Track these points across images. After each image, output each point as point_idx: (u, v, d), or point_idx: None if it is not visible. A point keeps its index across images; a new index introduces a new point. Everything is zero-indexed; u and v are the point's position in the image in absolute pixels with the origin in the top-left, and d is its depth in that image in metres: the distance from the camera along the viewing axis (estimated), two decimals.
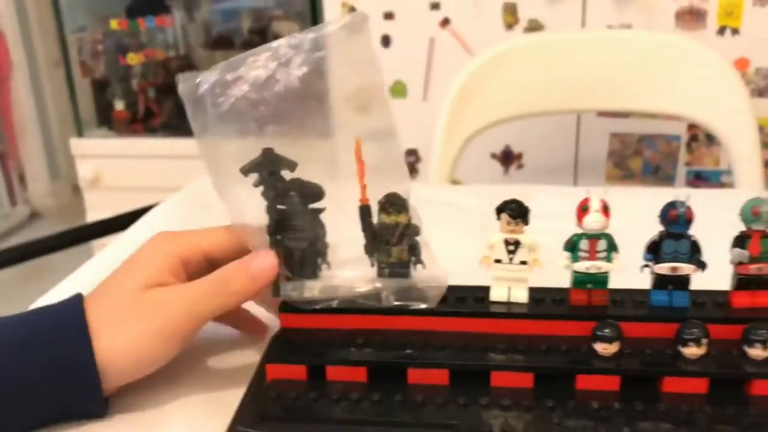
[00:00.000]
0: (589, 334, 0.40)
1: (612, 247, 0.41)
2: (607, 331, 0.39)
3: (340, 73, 0.46)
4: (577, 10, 1.43)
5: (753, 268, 0.40)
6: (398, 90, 1.56)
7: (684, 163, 1.51)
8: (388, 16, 1.51)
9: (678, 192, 0.42)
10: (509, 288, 0.42)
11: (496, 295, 0.43)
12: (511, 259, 0.42)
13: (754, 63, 1.41)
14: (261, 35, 1.96)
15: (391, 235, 0.42)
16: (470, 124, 1.22)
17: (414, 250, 0.43)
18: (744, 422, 0.37)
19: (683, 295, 0.41)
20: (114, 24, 1.64)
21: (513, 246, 0.42)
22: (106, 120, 1.82)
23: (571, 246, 0.41)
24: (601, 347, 0.39)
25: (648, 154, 1.52)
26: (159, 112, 1.79)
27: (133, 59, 1.66)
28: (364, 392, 0.40)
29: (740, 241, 0.40)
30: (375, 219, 0.43)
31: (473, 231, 0.47)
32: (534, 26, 1.46)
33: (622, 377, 0.39)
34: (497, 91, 1.23)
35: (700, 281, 0.41)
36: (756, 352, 0.39)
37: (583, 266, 0.41)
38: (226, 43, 1.90)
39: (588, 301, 0.42)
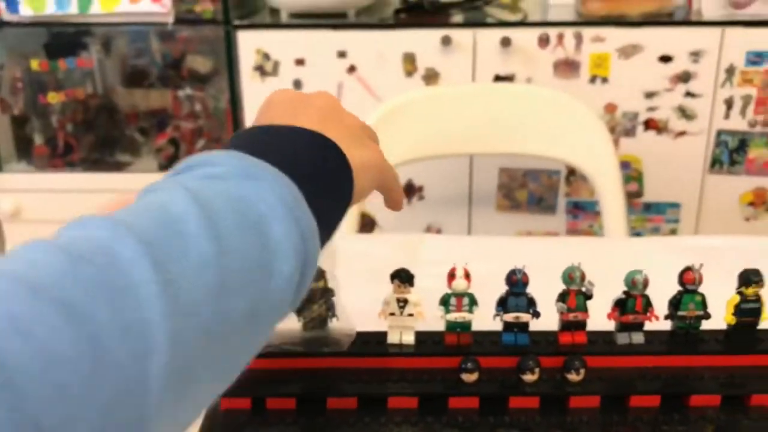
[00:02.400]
0: (457, 367, 0.55)
1: (473, 302, 0.57)
2: (469, 364, 0.55)
3: None
4: (468, 60, 1.61)
5: (571, 316, 0.57)
6: None
7: (564, 194, 1.72)
8: (299, 62, 1.65)
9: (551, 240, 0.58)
10: (401, 333, 0.57)
11: (392, 339, 0.57)
12: (401, 312, 0.57)
13: (621, 107, 1.63)
14: (175, 68, 2.05)
15: (312, 297, 0.56)
16: None
17: (331, 307, 0.57)
18: (565, 427, 0.53)
19: (524, 336, 0.57)
20: (35, 65, 1.70)
21: (402, 303, 0.57)
22: (26, 155, 1.87)
23: (444, 302, 0.57)
24: (465, 376, 0.55)
25: (532, 186, 1.72)
26: (78, 147, 1.86)
27: (54, 98, 1.73)
28: (293, 417, 0.53)
29: (562, 296, 0.57)
30: None
31: (383, 278, 0.60)
32: (431, 74, 1.63)
33: (481, 398, 0.55)
34: (398, 137, 1.38)
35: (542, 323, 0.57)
36: (572, 376, 0.55)
37: (452, 317, 0.57)
38: (141, 77, 1.98)
39: (457, 342, 0.57)
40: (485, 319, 0.57)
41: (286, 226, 0.37)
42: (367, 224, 1.74)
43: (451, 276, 0.56)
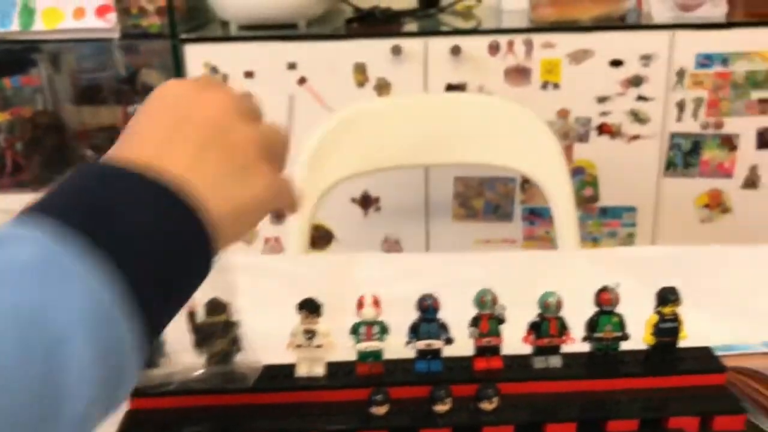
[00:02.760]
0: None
1: (383, 330, 0.55)
2: (378, 396, 0.52)
3: None
4: (419, 69, 1.60)
5: (485, 341, 0.55)
6: None
7: (519, 201, 1.71)
8: (249, 74, 1.63)
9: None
10: (310, 365, 0.55)
11: (300, 371, 0.55)
12: (309, 344, 0.55)
13: (573, 113, 1.63)
14: (130, 84, 2.02)
15: (214, 332, 0.54)
16: (323, 181, 1.35)
17: (235, 341, 0.55)
18: None
19: (438, 363, 0.55)
20: None
21: (310, 334, 0.54)
22: None
23: (354, 331, 0.55)
24: (374, 409, 0.53)
25: (488, 195, 1.71)
26: (27, 166, 1.82)
27: (0, 117, 1.69)
28: None
29: (475, 321, 0.55)
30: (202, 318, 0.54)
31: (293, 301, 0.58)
32: (382, 84, 1.61)
33: (391, 431, 0.52)
34: (350, 149, 1.36)
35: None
36: (485, 405, 0.53)
37: (363, 346, 0.55)
38: (93, 93, 1.95)
39: (369, 372, 0.55)
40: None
41: (87, 351, 0.29)
42: (323, 237, 1.72)
43: (360, 304, 0.54)
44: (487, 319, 0.55)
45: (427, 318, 0.54)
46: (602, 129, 1.62)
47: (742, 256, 0.86)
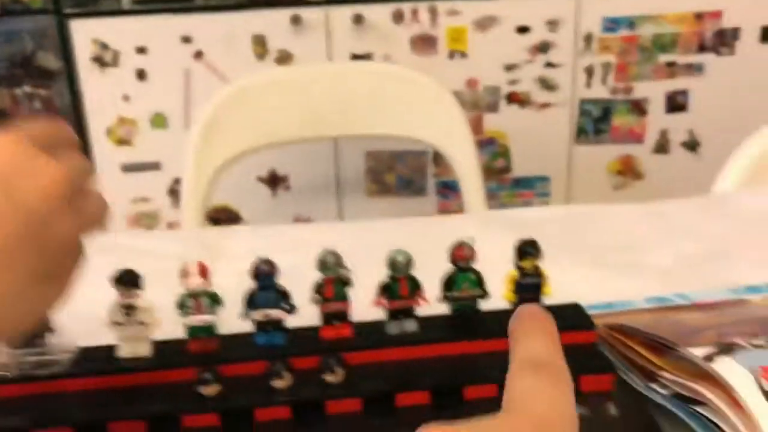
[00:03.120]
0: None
1: (214, 301, 0.48)
2: (207, 375, 0.46)
3: None
4: (321, 39, 1.53)
5: (330, 307, 0.49)
6: (158, 121, 1.58)
7: (433, 174, 1.66)
8: (141, 50, 1.53)
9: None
10: (133, 345, 0.49)
11: (122, 352, 0.49)
12: (129, 321, 0.48)
13: (482, 82, 1.59)
14: (24, 68, 1.90)
15: None
16: (219, 156, 1.28)
17: (44, 322, 0.48)
18: None
19: (281, 334, 0.50)
20: None
21: (128, 310, 0.48)
22: None
23: (180, 305, 0.48)
24: (203, 389, 0.46)
25: (400, 169, 1.66)
26: None
27: None
28: None
29: (318, 287, 0.49)
30: None
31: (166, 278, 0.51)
32: (283, 55, 1.54)
33: (223, 413, 0.46)
34: (244, 122, 1.29)
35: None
36: (329, 377, 0.47)
37: (192, 320, 0.48)
38: None
39: (202, 348, 0.49)
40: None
41: None
42: (230, 219, 1.64)
43: (185, 274, 0.48)
44: (332, 283, 0.49)
45: (264, 285, 0.48)
46: (511, 98, 1.59)
47: (633, 213, 0.83)
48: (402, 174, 1.66)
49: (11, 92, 1.74)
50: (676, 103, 1.61)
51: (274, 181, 1.64)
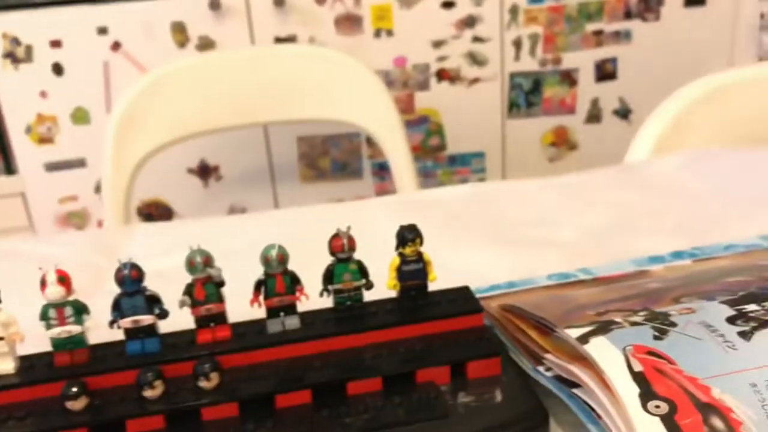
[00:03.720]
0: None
1: (79, 310, 0.46)
2: (73, 389, 0.44)
3: None
4: (243, 24, 1.49)
5: (203, 310, 0.47)
6: (80, 116, 1.53)
7: (367, 157, 1.64)
8: (56, 44, 1.48)
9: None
10: None
11: None
12: None
13: (410, 60, 1.57)
14: None
15: None
16: (140, 148, 1.24)
17: None
18: None
19: (154, 341, 0.47)
20: None
21: None
22: None
23: (43, 316, 0.46)
24: (70, 404, 0.44)
25: (334, 153, 1.63)
26: None
27: None
28: None
29: (188, 288, 0.47)
30: None
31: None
32: (205, 42, 1.50)
33: (92, 427, 0.44)
34: (164, 113, 1.25)
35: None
36: (203, 383, 0.45)
37: (55, 332, 0.46)
38: None
39: (71, 361, 0.47)
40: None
41: None
42: (163, 214, 1.61)
43: (43, 284, 0.45)
44: (202, 284, 0.47)
45: (128, 291, 0.46)
46: (441, 75, 1.57)
47: (542, 188, 0.82)
48: (336, 158, 1.64)
49: None
50: (605, 72, 1.61)
51: (205, 171, 1.60)
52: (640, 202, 0.77)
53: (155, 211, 1.56)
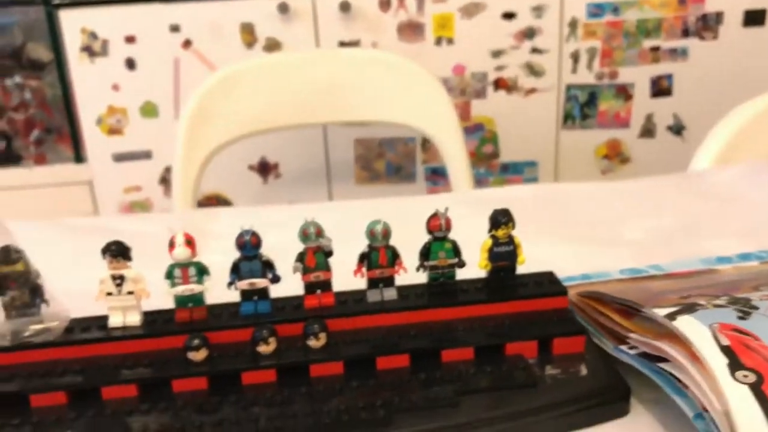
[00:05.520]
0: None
1: (201, 271, 0.50)
2: (195, 341, 0.48)
3: None
4: (310, 27, 1.55)
5: (313, 277, 0.51)
6: (149, 110, 1.60)
7: (422, 161, 1.68)
8: (130, 39, 1.55)
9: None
10: (123, 314, 0.51)
11: (114, 321, 0.51)
12: (119, 291, 0.50)
13: (469, 68, 1.60)
14: (15, 58, 1.91)
15: (10, 282, 0.49)
16: (209, 142, 1.29)
17: (35, 292, 0.50)
18: (305, 398, 0.47)
19: (265, 303, 0.52)
20: None
21: (119, 280, 0.50)
22: None
23: (168, 275, 0.50)
24: (192, 355, 0.48)
25: (389, 156, 1.67)
26: None
27: None
28: None
29: (300, 256, 0.51)
30: None
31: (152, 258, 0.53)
32: (272, 44, 1.55)
33: (211, 376, 0.48)
34: (233, 109, 1.31)
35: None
36: (312, 342, 0.49)
37: (179, 290, 0.50)
38: None
39: (190, 317, 0.51)
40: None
41: None
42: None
43: (171, 245, 0.50)
44: (313, 253, 0.51)
45: (248, 256, 0.50)
46: (498, 84, 1.61)
47: (610, 191, 0.85)
48: (391, 161, 1.68)
49: (2, 84, 1.75)
50: (661, 88, 1.63)
51: (264, 169, 1.66)
52: (704, 207, 0.79)
53: (216, 205, 1.62)
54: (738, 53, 1.60)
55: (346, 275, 0.52)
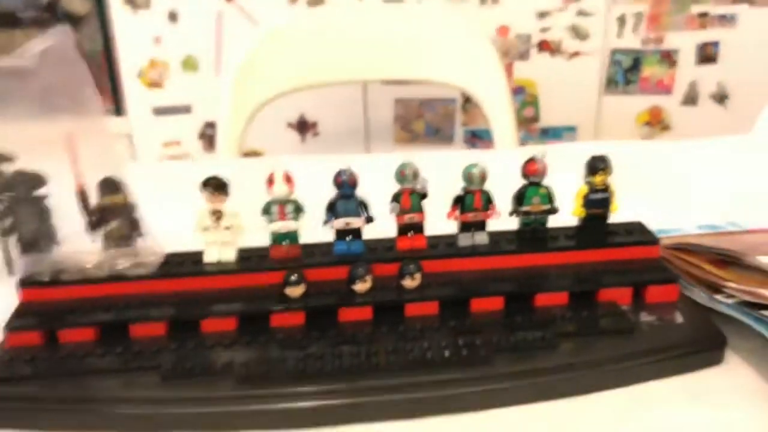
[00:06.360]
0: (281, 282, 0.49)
1: (298, 209, 0.50)
2: (293, 277, 0.49)
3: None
4: None
5: (407, 218, 0.51)
6: (190, 64, 1.59)
7: (461, 123, 1.67)
8: None
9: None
10: (219, 250, 0.51)
11: (209, 257, 0.51)
12: (216, 226, 0.50)
13: (513, 29, 1.58)
14: (51, 11, 1.90)
15: (111, 214, 0.49)
16: (255, 98, 1.29)
17: (134, 224, 0.50)
18: (402, 336, 0.47)
19: (359, 243, 0.52)
20: None
21: (217, 215, 0.50)
22: None
23: (265, 210, 0.50)
24: (289, 290, 0.49)
25: (429, 117, 1.66)
26: None
27: None
28: (90, 349, 0.46)
29: (396, 197, 0.51)
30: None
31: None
32: None
33: (308, 312, 0.49)
34: (279, 64, 1.30)
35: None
36: (407, 282, 0.49)
37: (276, 227, 0.50)
38: (10, 21, 1.82)
39: (286, 255, 0.51)
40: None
41: None
42: None
43: (270, 181, 0.50)
44: (409, 194, 0.51)
45: (345, 195, 0.50)
46: (542, 46, 1.59)
47: (677, 150, 0.84)
48: (430, 122, 1.67)
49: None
50: (706, 55, 1.61)
51: (303, 127, 1.65)
52: None
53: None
54: None
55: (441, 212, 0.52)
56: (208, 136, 1.61)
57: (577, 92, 1.63)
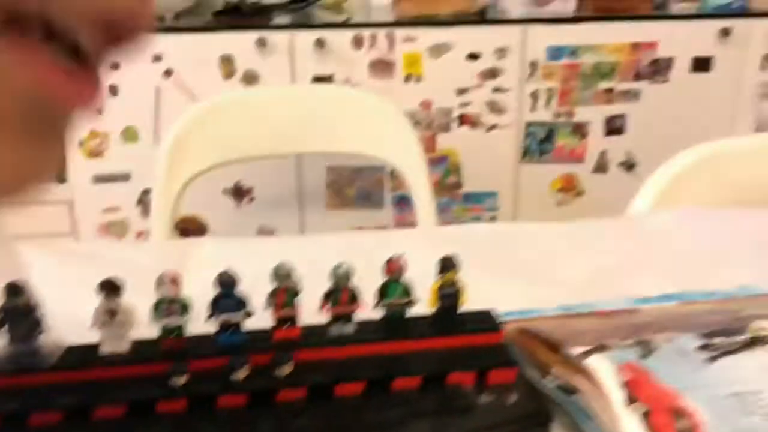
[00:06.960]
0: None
1: (184, 307, 0.58)
2: (177, 367, 0.56)
3: None
4: (286, 61, 1.63)
5: (282, 313, 0.59)
6: (130, 135, 1.66)
7: (390, 189, 1.77)
8: (113, 66, 1.61)
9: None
10: (114, 343, 0.58)
11: (105, 349, 0.58)
12: (112, 321, 0.57)
13: (435, 104, 1.70)
14: None
15: (15, 314, 0.56)
16: (189, 169, 1.36)
17: (37, 323, 0.56)
18: (272, 419, 0.54)
19: (240, 335, 0.59)
20: None
21: (112, 313, 0.57)
22: None
23: (155, 308, 0.57)
24: (174, 380, 0.56)
25: (360, 183, 1.76)
26: None
27: None
28: None
29: (272, 294, 0.59)
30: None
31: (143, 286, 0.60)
32: (250, 75, 1.63)
33: (190, 398, 0.56)
34: (212, 139, 1.38)
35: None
36: (280, 371, 0.57)
37: (165, 322, 0.58)
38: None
39: (173, 346, 0.58)
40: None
41: None
42: (197, 230, 1.73)
43: (160, 283, 0.57)
44: (284, 292, 0.59)
45: (226, 294, 0.58)
46: (463, 119, 1.70)
47: (551, 232, 0.94)
48: (361, 188, 1.76)
49: None
50: (614, 127, 1.74)
51: (239, 193, 1.73)
52: (639, 250, 0.89)
53: (192, 227, 1.69)
54: (686, 96, 1.71)
55: (314, 306, 0.60)
56: (145, 203, 1.67)
57: (497, 161, 1.74)
